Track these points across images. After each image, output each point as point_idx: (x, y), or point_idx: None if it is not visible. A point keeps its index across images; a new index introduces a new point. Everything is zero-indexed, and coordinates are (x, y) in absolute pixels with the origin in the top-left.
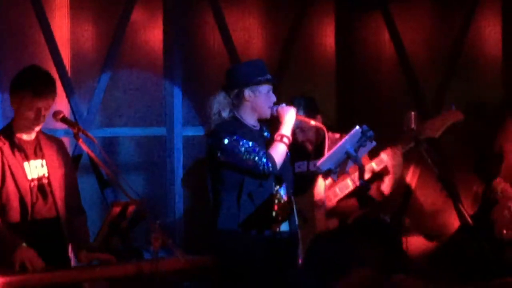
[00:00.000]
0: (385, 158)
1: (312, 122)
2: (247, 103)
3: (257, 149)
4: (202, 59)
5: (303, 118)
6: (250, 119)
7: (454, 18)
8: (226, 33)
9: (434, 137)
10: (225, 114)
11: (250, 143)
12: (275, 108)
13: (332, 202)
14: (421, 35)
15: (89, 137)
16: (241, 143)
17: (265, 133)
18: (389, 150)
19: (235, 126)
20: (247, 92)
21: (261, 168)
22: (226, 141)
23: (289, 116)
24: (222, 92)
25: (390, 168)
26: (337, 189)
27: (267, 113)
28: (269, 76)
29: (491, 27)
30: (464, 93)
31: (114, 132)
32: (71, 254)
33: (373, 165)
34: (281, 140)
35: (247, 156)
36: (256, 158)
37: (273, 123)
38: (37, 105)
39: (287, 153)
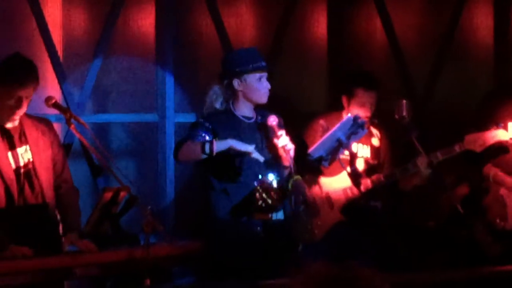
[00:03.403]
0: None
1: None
2: (239, 93)
3: (196, 137)
4: (194, 45)
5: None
6: (243, 110)
7: (446, 5)
8: (218, 19)
9: (475, 151)
10: (217, 105)
11: (202, 134)
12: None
13: (345, 200)
14: (413, 22)
15: (81, 123)
16: (200, 129)
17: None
18: (423, 160)
19: (224, 118)
20: (236, 82)
21: (176, 145)
22: (200, 126)
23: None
24: (217, 83)
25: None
26: (348, 190)
27: (262, 100)
28: (259, 64)
29: (483, 14)
30: (455, 80)
31: (106, 118)
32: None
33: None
34: (211, 145)
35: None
36: (185, 137)
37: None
38: (18, 94)
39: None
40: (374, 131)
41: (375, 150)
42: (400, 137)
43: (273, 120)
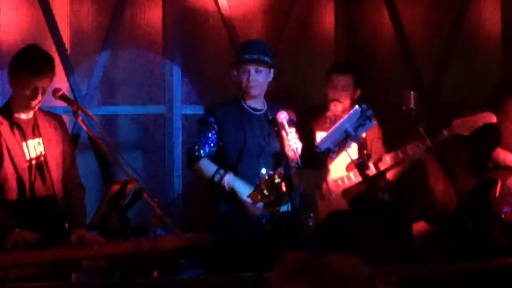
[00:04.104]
0: (409, 152)
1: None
2: (238, 84)
3: (206, 141)
4: (201, 37)
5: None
6: (251, 101)
7: None
8: (225, 11)
9: (463, 135)
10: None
11: (209, 135)
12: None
13: (337, 191)
14: (420, 15)
15: (88, 115)
16: (206, 129)
17: (270, 117)
18: (413, 146)
19: (232, 109)
20: (232, 74)
21: (188, 153)
22: (205, 124)
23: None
24: None
25: (405, 164)
26: (339, 181)
27: (250, 92)
28: (245, 56)
29: (490, 6)
30: (462, 72)
31: (113, 110)
32: None
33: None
34: (222, 177)
35: (195, 139)
36: (196, 146)
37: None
38: (34, 84)
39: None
40: None
41: (362, 141)
42: (408, 129)
43: (283, 117)
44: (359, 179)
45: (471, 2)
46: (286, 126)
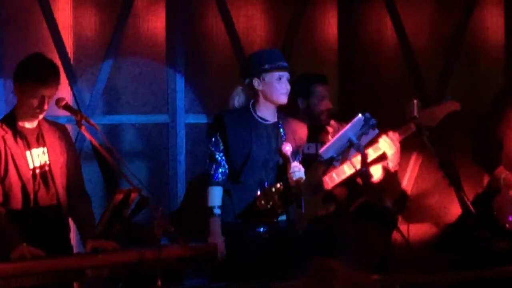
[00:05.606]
0: (382, 145)
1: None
2: (259, 93)
3: (220, 163)
4: (205, 46)
5: None
6: (263, 111)
7: (457, 5)
8: (228, 20)
9: (432, 126)
10: (237, 102)
11: (218, 158)
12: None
13: (329, 186)
14: (424, 23)
15: (92, 125)
16: (217, 148)
17: (281, 130)
18: (386, 137)
19: (240, 116)
20: (256, 82)
21: (209, 176)
22: (213, 139)
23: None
24: (241, 84)
25: (388, 156)
26: (334, 174)
27: (280, 100)
28: (278, 63)
29: (493, 15)
30: (465, 81)
31: (117, 119)
32: (73, 241)
33: (370, 152)
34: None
35: (208, 160)
36: (212, 168)
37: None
38: (41, 93)
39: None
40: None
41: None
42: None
43: (288, 149)
44: (351, 172)
45: (474, 10)
46: (290, 159)
